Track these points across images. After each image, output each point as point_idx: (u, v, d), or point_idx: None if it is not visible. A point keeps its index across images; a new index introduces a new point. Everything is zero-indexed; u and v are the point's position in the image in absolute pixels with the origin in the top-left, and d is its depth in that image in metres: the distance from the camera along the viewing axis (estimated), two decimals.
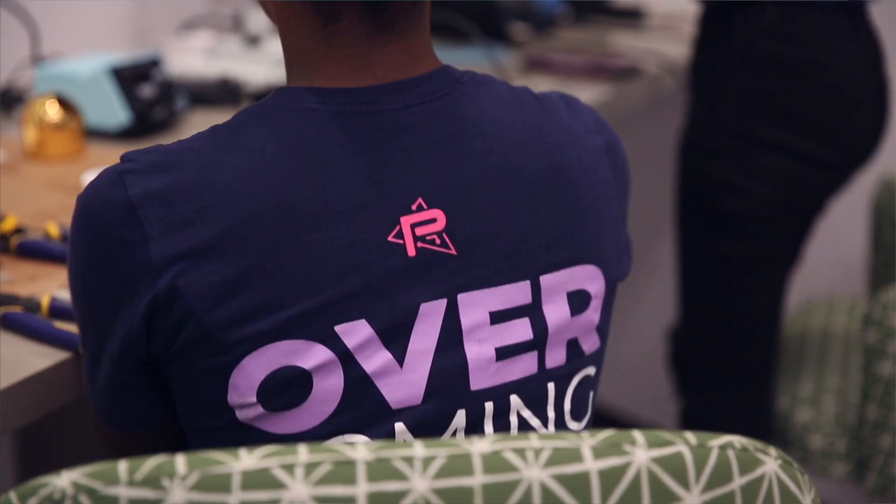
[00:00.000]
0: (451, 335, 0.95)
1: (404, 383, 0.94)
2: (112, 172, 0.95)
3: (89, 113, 1.71)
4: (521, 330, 0.98)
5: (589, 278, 1.02)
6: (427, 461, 0.75)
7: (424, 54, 0.99)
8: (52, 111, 1.65)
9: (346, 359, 0.93)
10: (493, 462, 0.76)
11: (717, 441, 0.81)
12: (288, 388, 0.93)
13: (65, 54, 1.97)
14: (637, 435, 0.79)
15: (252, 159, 0.93)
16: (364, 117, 0.95)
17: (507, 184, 0.98)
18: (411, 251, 0.94)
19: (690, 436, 0.80)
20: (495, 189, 0.97)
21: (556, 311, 1.00)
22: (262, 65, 1.99)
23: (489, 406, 0.98)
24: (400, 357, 0.94)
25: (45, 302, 1.19)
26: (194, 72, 1.97)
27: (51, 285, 1.26)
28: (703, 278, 1.91)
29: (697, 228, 1.89)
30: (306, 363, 0.92)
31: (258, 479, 0.73)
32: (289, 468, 0.74)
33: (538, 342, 0.99)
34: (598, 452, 0.77)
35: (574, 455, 0.77)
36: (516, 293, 0.98)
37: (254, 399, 0.93)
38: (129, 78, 1.75)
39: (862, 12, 1.82)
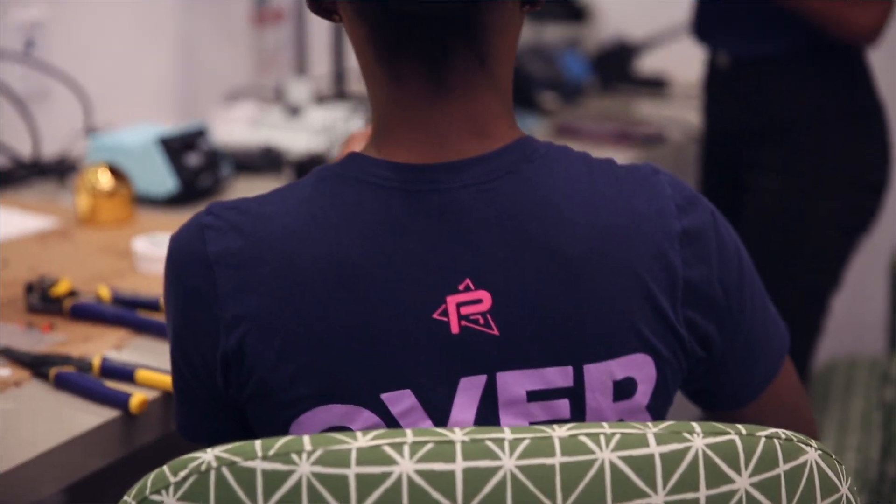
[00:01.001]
0: (489, 409, 0.95)
1: None
2: (197, 224, 0.97)
3: (139, 181, 1.72)
4: (558, 410, 0.96)
5: (636, 367, 0.97)
6: (515, 443, 0.82)
7: (495, 122, 0.97)
8: (104, 179, 1.66)
9: (392, 425, 0.93)
10: (571, 445, 0.83)
11: (764, 432, 0.86)
12: None
13: (116, 125, 1.99)
14: (695, 425, 0.85)
15: (317, 228, 0.94)
16: (424, 195, 0.94)
17: (556, 269, 0.95)
18: (455, 329, 0.93)
19: (741, 427, 0.86)
20: (543, 274, 0.94)
21: (597, 398, 0.97)
22: (303, 134, 2.00)
23: None
24: (441, 425, 0.94)
25: (96, 362, 1.19)
26: (238, 141, 1.98)
27: (102, 346, 1.26)
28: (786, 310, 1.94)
29: (786, 262, 1.90)
30: (355, 426, 0.93)
31: (371, 456, 0.80)
32: (397, 447, 0.80)
33: (576, 420, 0.97)
34: (661, 438, 0.84)
35: (640, 440, 0.84)
36: (556, 376, 0.95)
37: None
38: (177, 147, 1.77)
39: None
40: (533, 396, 0.95)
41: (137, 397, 1.13)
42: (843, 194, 1.85)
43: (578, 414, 0.96)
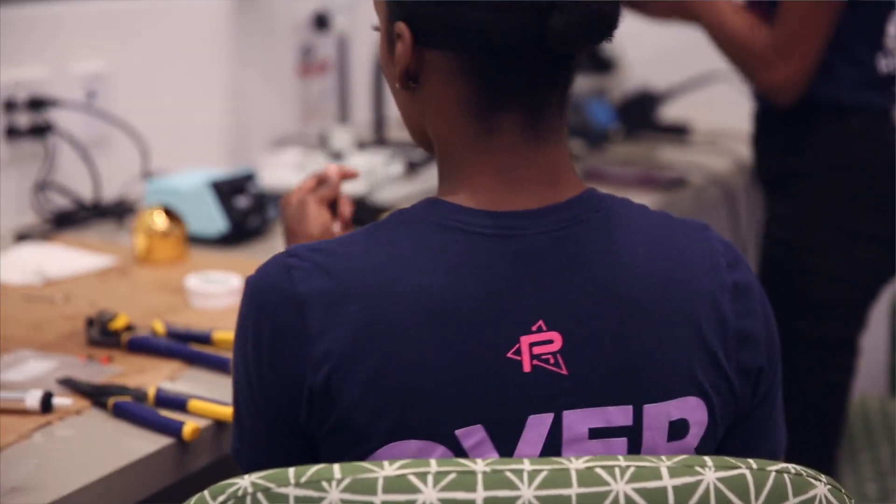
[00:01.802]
0: (553, 445, 0.95)
1: None
2: (281, 265, 0.96)
3: (191, 222, 1.73)
4: (616, 447, 0.96)
5: (690, 409, 0.98)
6: (533, 474, 0.83)
7: (566, 172, 0.99)
8: (159, 221, 1.67)
9: (463, 457, 0.92)
10: (587, 476, 0.83)
11: (775, 466, 0.86)
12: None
13: (170, 170, 2.00)
14: (707, 459, 0.86)
15: (402, 268, 0.94)
16: (503, 241, 0.95)
17: (622, 314, 0.96)
18: (527, 367, 0.93)
19: (752, 461, 0.86)
20: (610, 317, 0.95)
21: (653, 437, 0.97)
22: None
23: None
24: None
25: (151, 392, 1.20)
26: (284, 184, 1.99)
27: (157, 377, 1.27)
28: (789, 359, 1.89)
29: (790, 311, 1.84)
30: (429, 458, 0.91)
31: (397, 484, 0.82)
32: (422, 476, 0.82)
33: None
34: (674, 472, 0.84)
35: (654, 473, 0.84)
36: (618, 415, 0.96)
37: None
38: (227, 191, 1.77)
39: None
40: (594, 434, 0.95)
41: (190, 426, 1.14)
42: (843, 248, 1.80)
43: (635, 452, 0.96)
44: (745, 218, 2.46)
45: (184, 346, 1.33)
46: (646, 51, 2.64)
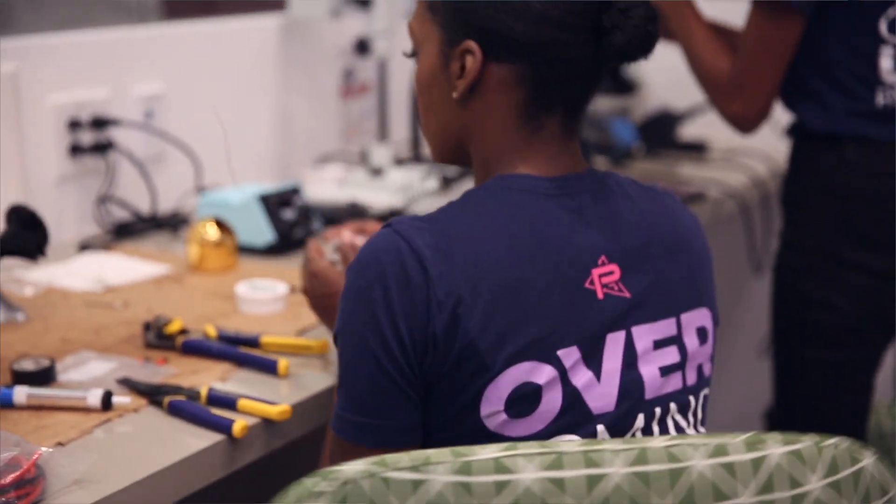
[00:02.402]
0: (630, 358, 1.06)
1: (602, 395, 1.04)
2: (390, 233, 1.03)
3: (241, 233, 1.73)
4: (672, 355, 1.09)
5: (705, 317, 1.14)
6: (620, 453, 0.87)
7: (580, 154, 1.12)
8: (211, 232, 1.67)
9: (564, 376, 1.02)
10: (668, 455, 0.87)
11: (830, 441, 0.92)
12: (525, 399, 1.02)
13: (222, 184, 2.01)
14: (771, 435, 0.91)
15: (490, 224, 1.04)
16: (559, 199, 1.07)
17: (653, 246, 1.10)
18: (600, 295, 1.05)
19: (809, 437, 0.92)
20: (647, 250, 1.09)
21: (691, 342, 1.11)
22: (384, 192, 2.01)
23: (657, 411, 1.08)
24: (597, 374, 1.04)
25: (203, 392, 1.20)
26: (327, 198, 2.00)
27: (209, 378, 1.27)
28: (795, 379, 1.84)
29: (790, 335, 1.82)
30: (539, 379, 1.02)
31: (499, 466, 0.84)
32: (524, 458, 0.85)
33: (682, 364, 1.10)
34: (745, 447, 0.89)
35: (729, 448, 0.88)
36: (667, 327, 1.09)
37: (501, 408, 1.01)
38: (274, 204, 1.78)
39: None
40: (657, 345, 1.08)
41: (240, 423, 1.14)
42: (834, 276, 1.73)
43: (682, 357, 1.10)
44: (759, 230, 2.45)
45: (234, 349, 1.33)
46: (666, 74, 2.63)
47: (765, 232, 2.48)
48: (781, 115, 1.90)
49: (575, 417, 1.03)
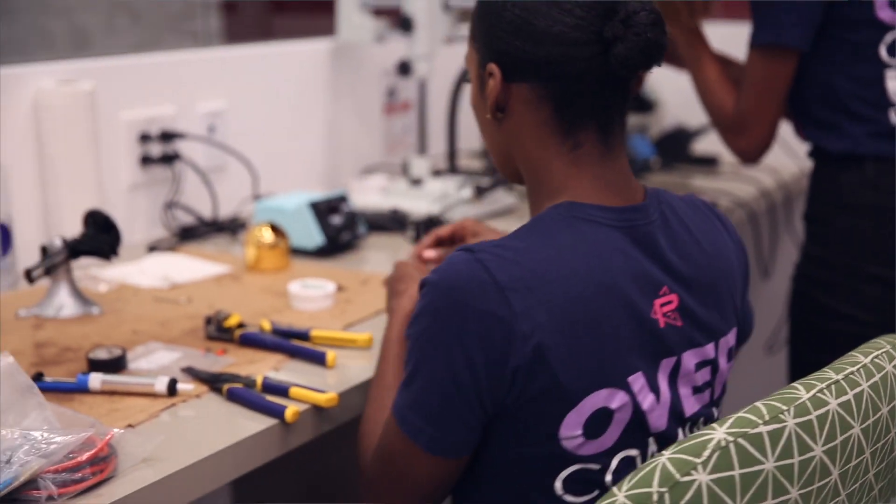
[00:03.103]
0: (673, 379, 1.04)
1: (660, 415, 1.03)
2: (472, 260, 0.98)
3: (293, 237, 1.74)
4: (705, 374, 1.07)
5: (734, 336, 1.12)
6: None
7: (631, 176, 1.07)
8: (266, 235, 1.68)
9: (633, 400, 1.00)
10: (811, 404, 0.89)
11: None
12: (600, 422, 0.99)
13: (276, 192, 2.02)
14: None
15: (567, 258, 0.99)
16: (626, 230, 1.02)
17: (703, 275, 1.07)
18: (661, 324, 1.02)
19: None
20: (699, 279, 1.06)
21: (723, 362, 1.09)
22: (423, 201, 2.01)
23: (690, 426, 1.07)
24: (657, 397, 1.02)
25: (259, 380, 1.21)
26: (371, 205, 2.00)
27: (264, 367, 1.27)
28: None
29: (807, 344, 1.77)
30: (613, 404, 0.99)
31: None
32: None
33: (712, 382, 1.09)
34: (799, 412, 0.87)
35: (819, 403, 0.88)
36: (708, 351, 1.07)
37: (580, 431, 0.99)
38: (323, 210, 1.78)
39: None
40: (697, 367, 1.06)
41: (291, 409, 1.15)
42: (851, 287, 1.67)
43: (713, 376, 1.08)
44: (766, 237, 2.43)
45: (286, 342, 1.33)
46: (680, 94, 2.61)
47: (771, 239, 2.46)
48: (786, 132, 1.88)
49: (636, 435, 1.02)
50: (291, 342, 1.33)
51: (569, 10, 0.98)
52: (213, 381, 1.21)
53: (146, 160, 1.86)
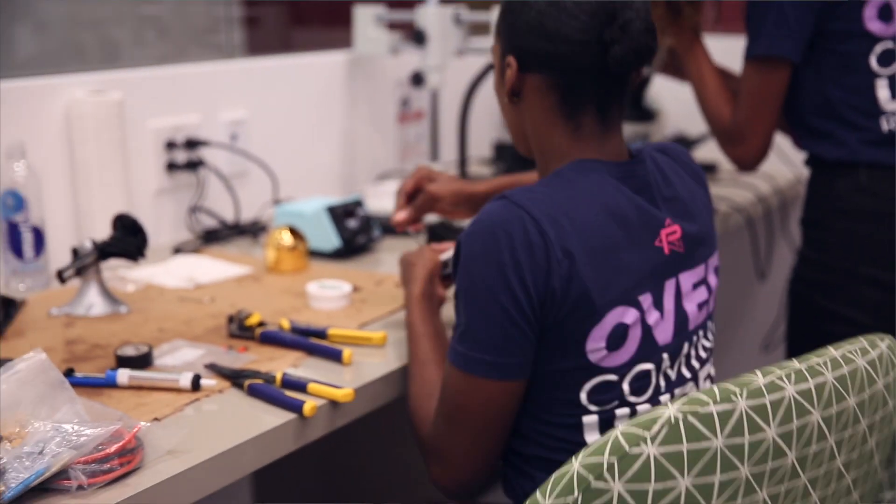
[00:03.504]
0: (678, 298, 1.15)
1: (664, 330, 1.13)
2: (508, 204, 1.08)
3: (311, 239, 1.74)
4: (703, 293, 1.18)
5: (716, 258, 1.23)
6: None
7: (623, 143, 1.18)
8: (286, 238, 1.68)
9: (642, 316, 1.11)
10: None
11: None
12: (619, 336, 1.10)
13: (295, 197, 2.02)
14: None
15: (583, 198, 1.10)
16: (627, 179, 1.14)
17: (693, 206, 1.19)
18: (666, 251, 1.13)
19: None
20: (690, 213, 1.18)
21: (712, 280, 1.20)
22: None
23: (695, 338, 1.18)
24: (661, 314, 1.12)
25: (278, 376, 1.21)
26: (385, 210, 1.99)
27: (283, 364, 1.27)
28: None
29: (806, 345, 1.74)
30: (628, 320, 1.10)
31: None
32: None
33: (708, 300, 1.20)
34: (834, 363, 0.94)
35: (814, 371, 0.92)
36: (700, 271, 1.18)
37: (603, 344, 1.09)
38: (340, 214, 1.78)
39: None
40: (694, 286, 1.16)
41: (310, 404, 1.15)
42: (848, 288, 1.66)
43: (708, 293, 1.19)
44: (763, 240, 2.42)
45: (304, 340, 1.33)
46: (681, 104, 2.61)
47: (767, 242, 2.45)
48: (781, 140, 1.87)
49: (648, 349, 1.12)
50: (309, 340, 1.33)
51: (575, 15, 1.10)
52: (235, 377, 1.21)
53: (172, 166, 1.87)
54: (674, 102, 2.61)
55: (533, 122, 1.17)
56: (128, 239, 1.48)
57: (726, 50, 2.00)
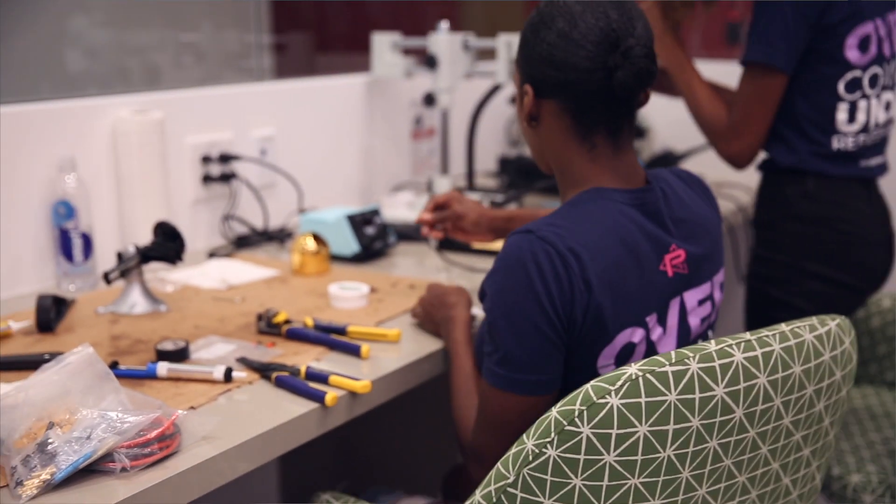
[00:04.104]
0: (683, 314, 1.15)
1: (667, 344, 1.14)
2: (532, 238, 1.07)
3: (333, 245, 1.74)
4: (707, 307, 1.18)
5: (723, 274, 1.22)
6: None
7: (637, 166, 1.17)
8: (310, 244, 1.68)
9: (648, 334, 1.11)
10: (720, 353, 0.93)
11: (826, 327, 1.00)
12: (626, 353, 1.10)
13: (318, 207, 2.03)
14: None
15: (600, 230, 1.09)
16: (639, 206, 1.13)
17: (698, 229, 1.17)
18: (670, 274, 1.13)
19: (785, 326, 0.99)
20: (696, 235, 1.17)
21: (717, 295, 1.20)
22: None
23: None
24: (664, 330, 1.13)
25: (303, 369, 1.21)
26: (400, 218, 2.00)
27: (307, 358, 1.27)
28: None
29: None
30: (635, 339, 1.10)
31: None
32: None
33: (711, 314, 1.19)
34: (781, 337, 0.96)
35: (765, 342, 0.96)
36: (706, 288, 1.18)
37: (612, 361, 1.10)
38: (359, 222, 1.78)
39: (874, 184, 1.76)
40: (700, 302, 1.16)
41: (331, 395, 1.15)
42: (794, 282, 1.71)
43: (712, 307, 1.19)
44: (743, 247, 2.41)
45: (326, 336, 1.33)
46: (669, 123, 2.61)
47: (748, 249, 2.44)
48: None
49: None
50: (331, 336, 1.33)
51: (582, 45, 1.10)
52: (264, 370, 1.21)
53: (207, 178, 1.87)
54: (662, 121, 2.61)
55: (550, 144, 1.17)
56: (167, 244, 1.48)
57: (709, 73, 2.00)
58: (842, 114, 1.68)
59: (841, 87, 1.67)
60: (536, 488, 0.89)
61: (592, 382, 0.89)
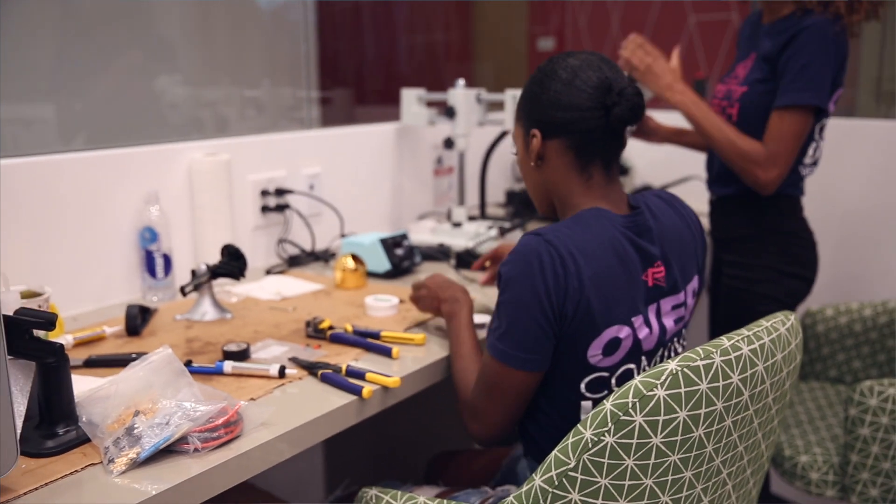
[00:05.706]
0: (659, 317, 1.14)
1: (650, 341, 1.13)
2: (540, 240, 1.07)
3: (369, 264, 1.74)
4: (681, 311, 1.17)
5: (696, 282, 1.21)
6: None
7: (623, 193, 1.17)
8: (349, 262, 1.68)
9: (634, 331, 1.10)
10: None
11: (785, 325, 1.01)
12: (613, 346, 1.10)
13: (356, 232, 2.03)
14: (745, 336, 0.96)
15: (595, 241, 1.09)
16: (629, 228, 1.12)
17: (676, 245, 1.16)
18: (650, 283, 1.12)
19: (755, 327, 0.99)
20: (675, 250, 1.16)
21: (689, 301, 1.19)
22: (461, 238, 2.00)
23: (670, 344, 1.17)
24: (650, 329, 1.12)
25: (343, 367, 1.20)
26: (425, 241, 2.00)
27: (347, 358, 1.27)
28: None
29: (744, 321, 1.75)
30: (621, 335, 1.10)
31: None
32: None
33: (684, 316, 1.19)
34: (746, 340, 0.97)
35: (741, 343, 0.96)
36: (681, 297, 1.17)
37: (600, 352, 1.09)
38: (390, 245, 1.78)
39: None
40: (674, 308, 1.16)
41: (367, 389, 1.14)
42: (776, 281, 1.73)
43: (685, 311, 1.18)
44: (709, 262, 2.39)
45: (363, 339, 1.33)
46: (646, 163, 2.60)
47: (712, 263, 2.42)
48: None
49: (634, 354, 1.12)
50: (367, 340, 1.33)
51: (584, 90, 1.12)
52: (311, 368, 1.21)
53: (265, 209, 1.87)
54: (641, 161, 2.60)
55: (554, 179, 1.16)
56: (232, 263, 1.49)
57: (673, 122, 1.99)
58: (811, 150, 1.71)
59: (817, 131, 1.68)
60: (595, 470, 0.89)
61: (639, 378, 0.90)
